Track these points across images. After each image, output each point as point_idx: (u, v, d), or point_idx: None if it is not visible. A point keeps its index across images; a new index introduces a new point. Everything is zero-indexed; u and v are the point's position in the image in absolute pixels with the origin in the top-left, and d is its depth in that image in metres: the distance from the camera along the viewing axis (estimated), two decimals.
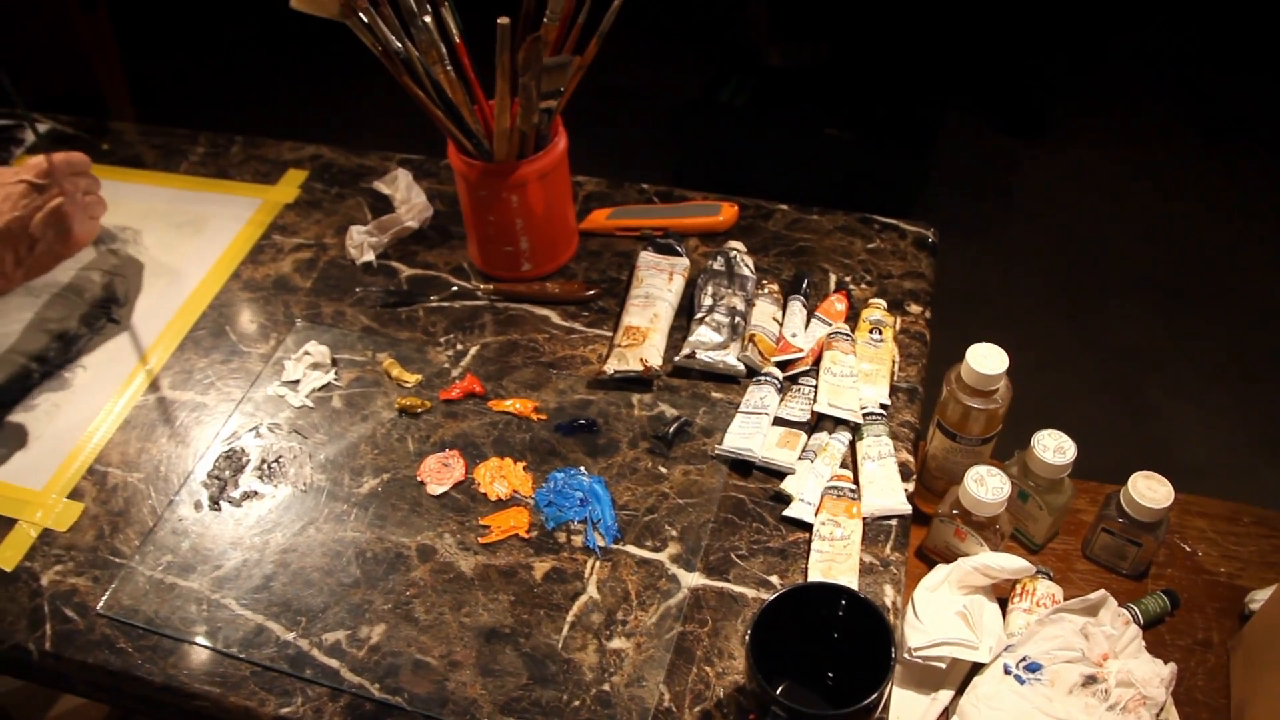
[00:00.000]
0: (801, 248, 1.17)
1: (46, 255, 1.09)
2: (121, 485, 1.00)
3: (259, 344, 1.12)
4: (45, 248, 1.08)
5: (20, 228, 1.06)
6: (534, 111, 0.98)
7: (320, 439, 1.02)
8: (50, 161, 1.09)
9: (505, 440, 1.00)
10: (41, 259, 1.09)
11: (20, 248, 1.06)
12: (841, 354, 1.02)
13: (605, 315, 1.11)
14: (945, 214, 2.75)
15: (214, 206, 1.31)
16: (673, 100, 2.85)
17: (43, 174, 1.09)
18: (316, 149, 1.38)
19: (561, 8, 0.99)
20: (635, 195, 1.25)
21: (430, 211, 1.24)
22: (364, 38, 0.99)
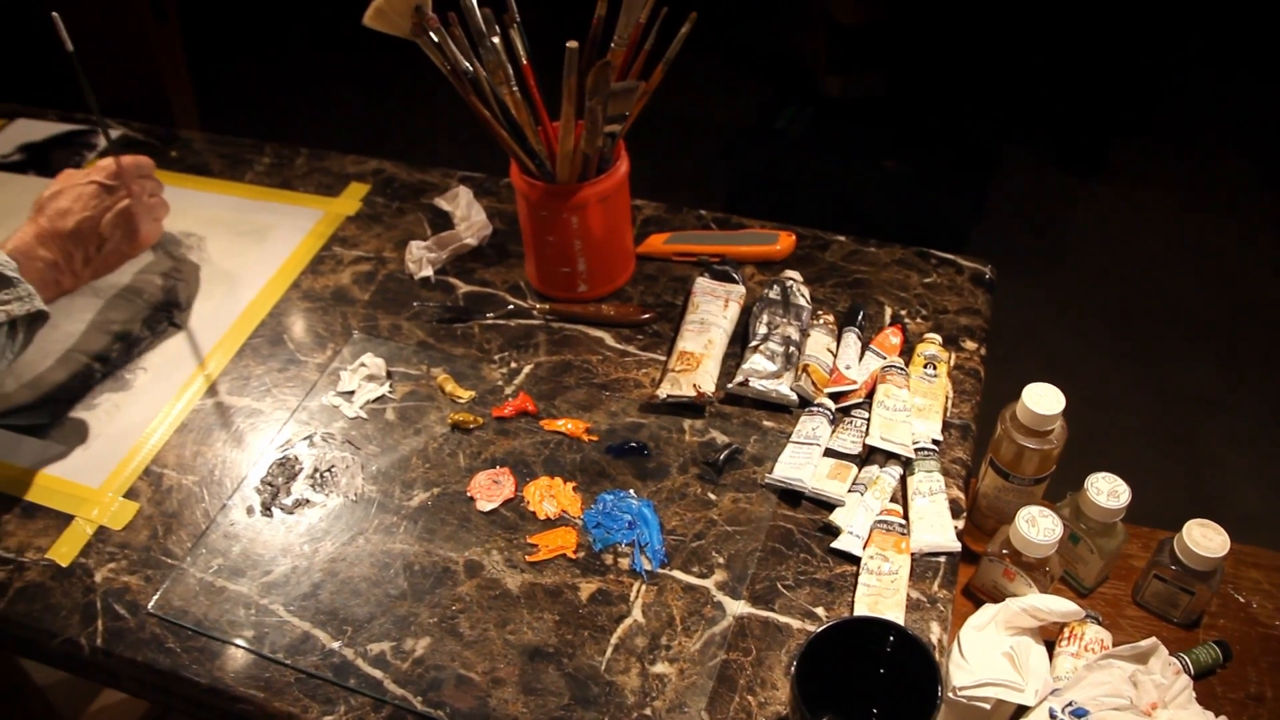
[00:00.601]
0: (858, 280, 1.17)
1: (113, 255, 1.12)
2: (176, 487, 1.02)
3: (316, 354, 1.14)
4: (113, 247, 1.11)
5: (91, 227, 1.09)
6: (599, 135, 0.99)
7: (373, 450, 1.03)
8: (119, 164, 1.12)
9: (556, 460, 1.00)
10: (109, 258, 1.12)
11: (90, 247, 1.09)
12: (895, 388, 1.01)
13: (659, 339, 1.12)
14: (1000, 249, 2.73)
15: (277, 216, 1.33)
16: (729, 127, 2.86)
17: (112, 176, 1.11)
18: (379, 163, 1.40)
19: (629, 33, 1.00)
20: (693, 221, 1.25)
21: (489, 229, 1.25)
22: (434, 57, 1.01)
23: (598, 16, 1.03)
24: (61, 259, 1.07)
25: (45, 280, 1.04)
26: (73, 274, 1.08)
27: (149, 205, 1.15)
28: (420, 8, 0.99)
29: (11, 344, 0.97)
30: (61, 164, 1.46)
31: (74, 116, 1.56)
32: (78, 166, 1.44)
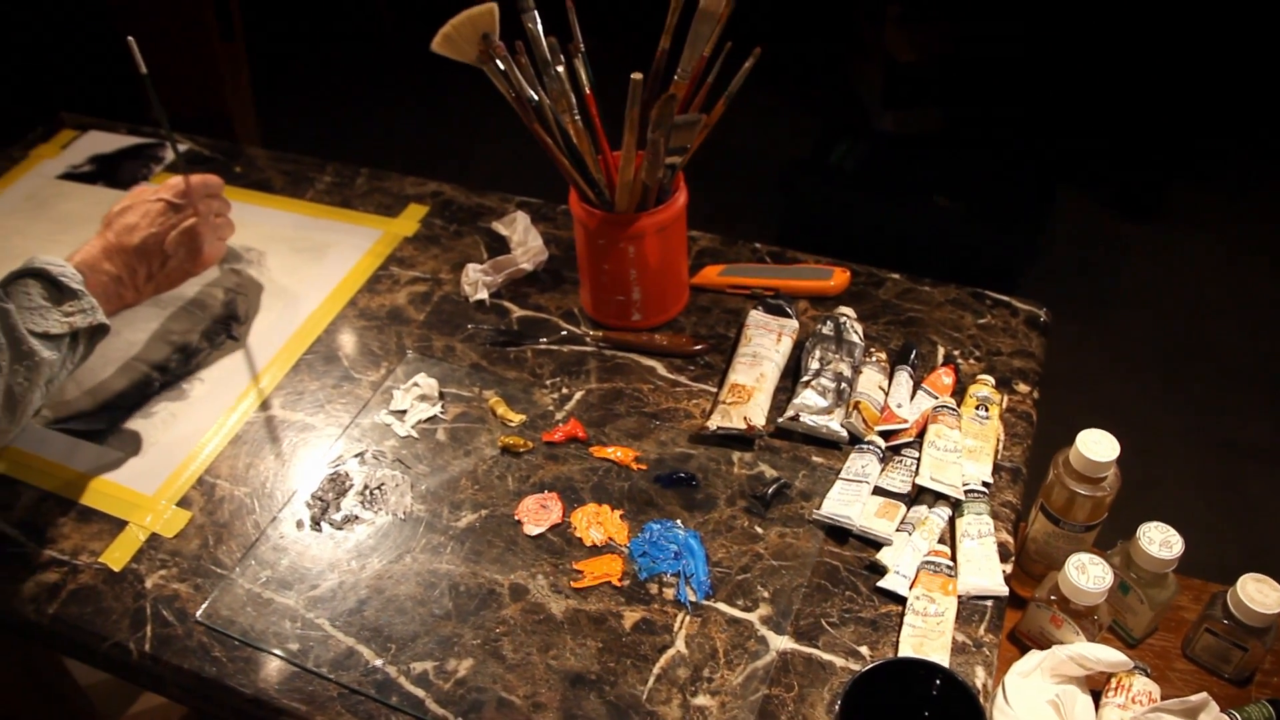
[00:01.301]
0: (911, 318, 1.17)
1: (176, 272, 1.14)
2: (228, 498, 1.03)
3: (370, 371, 1.15)
4: (176, 264, 1.13)
5: (156, 244, 1.11)
6: (659, 166, 1.00)
7: (422, 470, 1.04)
8: (188, 183, 1.14)
9: (604, 487, 1.00)
10: (171, 275, 1.14)
11: (153, 263, 1.11)
12: (947, 428, 1.01)
13: (711, 371, 1.12)
14: (1052, 291, 2.71)
15: (336, 234, 1.35)
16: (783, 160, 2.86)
17: (180, 194, 1.13)
18: (438, 186, 1.42)
19: (692, 67, 1.01)
20: (748, 254, 1.26)
21: (545, 255, 1.26)
22: (499, 84, 1.02)
23: (662, 49, 1.04)
24: (125, 274, 1.09)
25: (108, 293, 1.06)
26: (135, 289, 1.10)
27: (214, 225, 1.17)
28: (488, 35, 1.01)
29: (72, 354, 0.99)
30: (130, 175, 1.49)
31: (143, 130, 1.59)
32: (146, 179, 1.47)
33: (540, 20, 1.04)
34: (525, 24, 1.04)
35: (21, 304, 0.94)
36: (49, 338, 0.95)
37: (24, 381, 0.91)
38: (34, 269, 0.98)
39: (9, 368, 0.90)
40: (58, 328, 0.96)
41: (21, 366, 0.91)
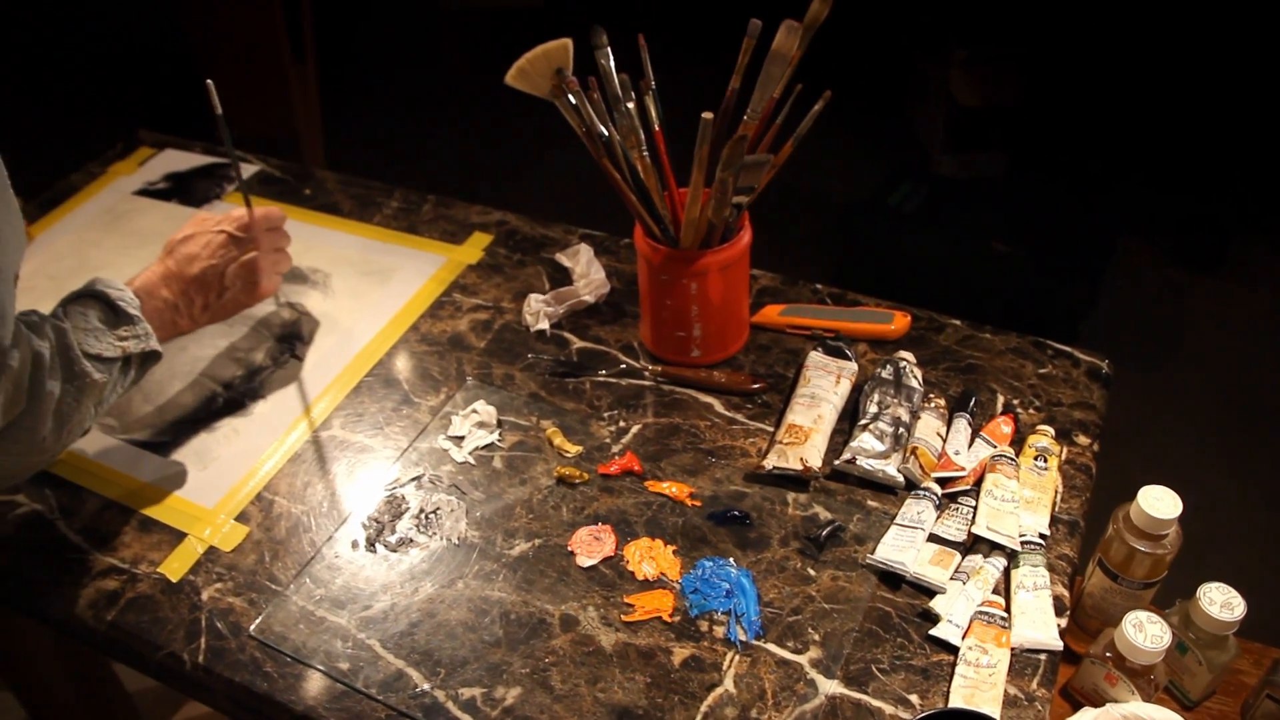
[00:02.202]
0: (971, 365, 1.16)
1: (232, 304, 1.15)
2: (285, 515, 1.05)
3: (429, 396, 1.16)
4: (232, 297, 1.14)
5: (214, 276, 1.12)
6: (726, 205, 1.01)
7: (478, 497, 1.04)
8: (251, 218, 1.16)
9: (658, 522, 1.01)
10: (226, 306, 1.15)
11: (210, 294, 1.12)
12: (1005, 478, 1.00)
13: (768, 410, 1.12)
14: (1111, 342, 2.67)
15: (401, 259, 1.37)
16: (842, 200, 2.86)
17: (243, 228, 1.15)
18: (503, 215, 1.44)
19: (762, 107, 1.02)
20: (808, 294, 1.26)
21: (607, 288, 1.27)
22: (570, 118, 1.04)
23: (732, 89, 1.05)
24: (182, 302, 1.10)
25: (163, 320, 1.08)
26: (190, 317, 1.12)
27: (273, 259, 1.19)
28: (561, 70, 1.03)
29: (122, 378, 1.00)
30: (204, 194, 1.53)
31: (217, 150, 1.63)
32: (218, 197, 1.50)
33: (613, 57, 1.06)
34: (598, 60, 1.05)
35: (78, 324, 0.96)
36: (101, 360, 0.96)
37: (73, 401, 0.93)
38: (94, 291, 1.00)
39: (60, 386, 0.91)
40: (111, 351, 0.97)
41: (72, 386, 0.93)
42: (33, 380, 0.89)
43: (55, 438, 0.93)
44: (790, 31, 0.99)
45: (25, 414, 0.89)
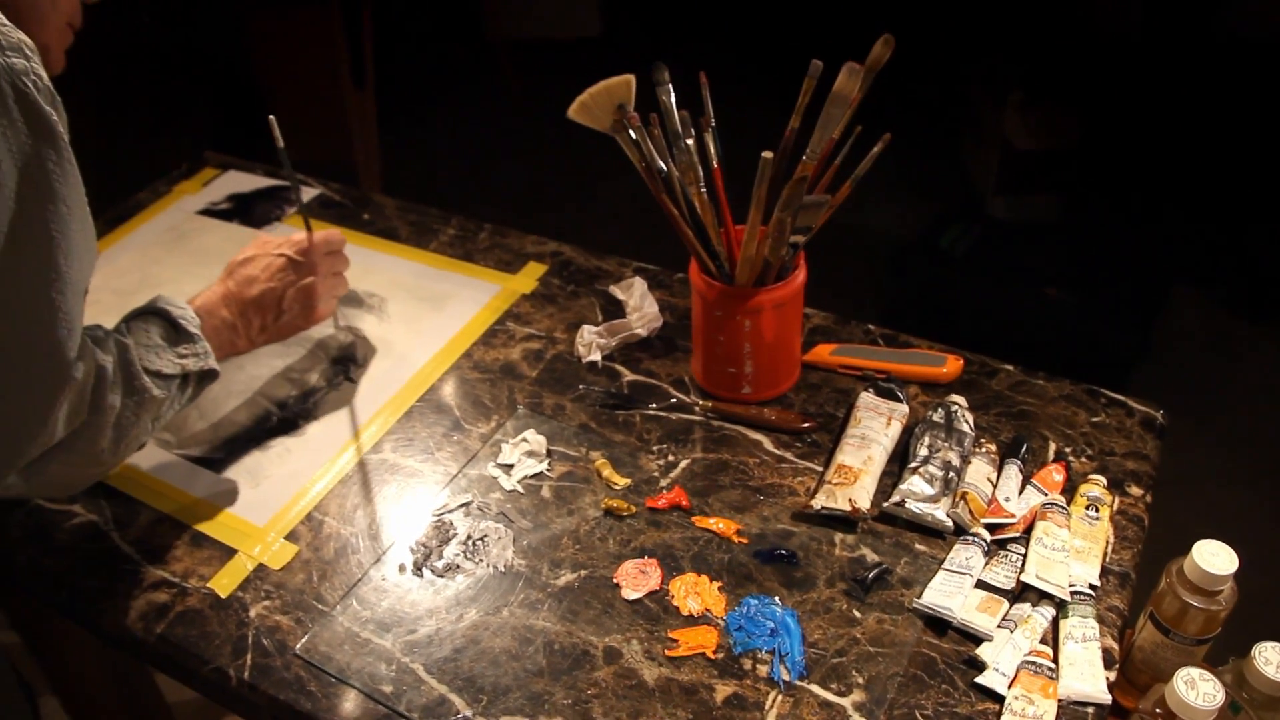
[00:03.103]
0: (1023, 411, 1.15)
1: (288, 326, 1.17)
2: (334, 535, 1.06)
3: (480, 423, 1.17)
4: (289, 319, 1.16)
5: (273, 298, 1.14)
6: (783, 245, 1.01)
7: (525, 525, 1.05)
8: (311, 243, 1.18)
9: (704, 557, 1.00)
10: (283, 328, 1.17)
11: (268, 315, 1.14)
12: (1055, 526, 0.99)
13: (817, 449, 1.12)
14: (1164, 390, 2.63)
15: (456, 286, 1.39)
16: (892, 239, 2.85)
17: (302, 251, 1.17)
18: (558, 246, 1.45)
19: (821, 148, 1.02)
20: (860, 335, 1.26)
21: (660, 322, 1.28)
22: (630, 153, 1.05)
23: (791, 128, 1.05)
24: (240, 322, 1.12)
25: (221, 340, 1.10)
26: (248, 338, 1.14)
27: (331, 283, 1.20)
28: (623, 105, 1.04)
29: (180, 395, 1.02)
30: (264, 215, 1.55)
31: (279, 174, 1.66)
32: (278, 219, 1.53)
33: (674, 93, 1.07)
34: (659, 97, 1.06)
35: (140, 340, 0.98)
36: (161, 376, 0.98)
37: (131, 416, 0.95)
38: (156, 309, 1.03)
39: (121, 400, 0.93)
40: (170, 368, 0.99)
41: (132, 400, 0.94)
42: (95, 393, 0.90)
43: (113, 450, 0.95)
44: (852, 74, 0.99)
45: (86, 426, 0.91)
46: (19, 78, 0.78)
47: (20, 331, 0.83)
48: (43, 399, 0.85)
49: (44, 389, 0.85)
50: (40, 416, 0.86)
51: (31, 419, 0.85)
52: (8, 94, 0.77)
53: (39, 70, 0.80)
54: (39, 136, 0.79)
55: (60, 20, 0.96)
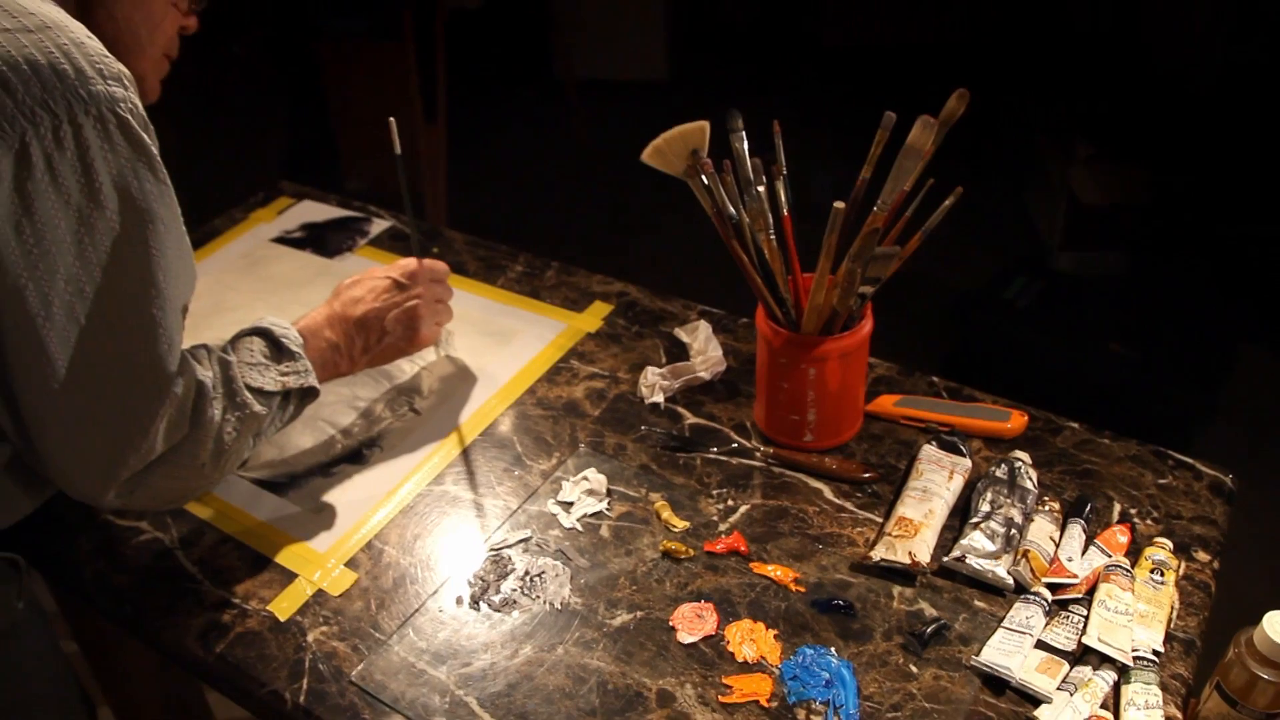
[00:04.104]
0: (1088, 470, 1.14)
1: (391, 349, 1.19)
2: (394, 565, 1.07)
3: (541, 460, 1.18)
4: (392, 341, 1.18)
5: (377, 319, 1.16)
6: (852, 295, 1.01)
7: (583, 564, 1.05)
8: (420, 266, 1.20)
9: (760, 604, 1.00)
10: (386, 351, 1.19)
11: (371, 336, 1.16)
12: (1119, 589, 0.97)
13: (877, 500, 1.11)
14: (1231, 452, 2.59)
15: (522, 323, 1.40)
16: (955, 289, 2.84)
17: (408, 275, 1.19)
18: (624, 286, 1.46)
19: (892, 199, 1.03)
20: (924, 386, 1.25)
21: (723, 366, 1.28)
22: (702, 199, 1.06)
23: (862, 179, 1.06)
24: (344, 343, 1.14)
25: (325, 360, 1.12)
26: (351, 359, 1.16)
27: (434, 309, 1.22)
28: (696, 151, 1.05)
29: (281, 413, 1.04)
30: (336, 246, 1.58)
31: (352, 204, 1.69)
32: (350, 250, 1.56)
33: (747, 140, 1.08)
34: (733, 143, 1.07)
35: (243, 358, 1.01)
36: (263, 393, 1.00)
37: (233, 431, 0.97)
38: (260, 328, 1.05)
39: (222, 416, 0.96)
40: (272, 385, 1.01)
41: (233, 416, 0.97)
42: (195, 407, 0.93)
43: (214, 465, 0.97)
44: (926, 127, 1.00)
45: (187, 440, 0.93)
46: (118, 105, 0.82)
47: (121, 346, 0.86)
48: (143, 412, 0.88)
49: (144, 402, 0.88)
50: (141, 428, 0.88)
51: (133, 431, 0.88)
52: (109, 120, 0.81)
53: (135, 99, 0.84)
54: (137, 160, 0.84)
55: (157, 51, 1.01)
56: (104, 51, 0.84)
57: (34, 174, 0.79)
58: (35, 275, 0.80)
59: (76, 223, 0.81)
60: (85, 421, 0.86)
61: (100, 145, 0.81)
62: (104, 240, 0.83)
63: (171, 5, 0.99)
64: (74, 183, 0.81)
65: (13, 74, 0.78)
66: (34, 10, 0.82)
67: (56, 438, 0.87)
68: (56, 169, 0.80)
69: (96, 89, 0.81)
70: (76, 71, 0.80)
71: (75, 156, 0.80)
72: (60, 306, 0.82)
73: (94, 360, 0.85)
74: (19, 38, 0.80)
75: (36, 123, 0.78)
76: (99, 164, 0.81)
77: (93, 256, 0.83)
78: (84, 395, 0.85)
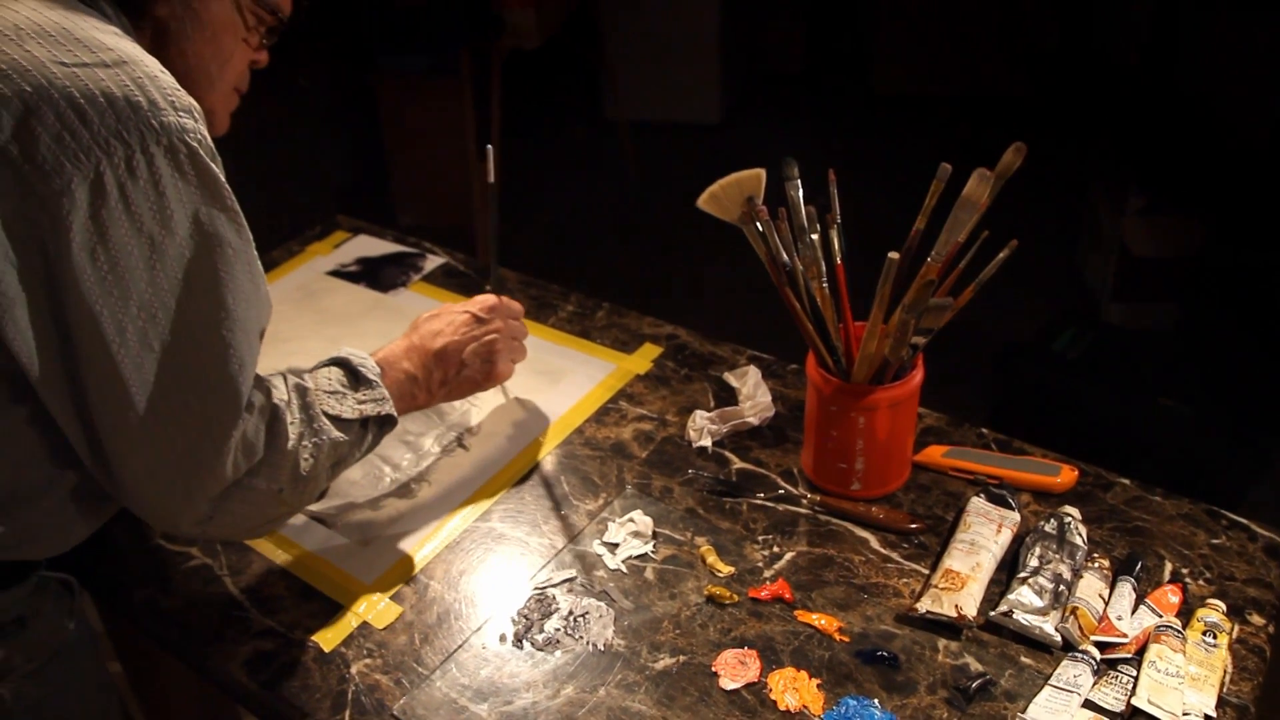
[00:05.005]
0: (1139, 528, 1.13)
1: (468, 382, 1.20)
2: (438, 600, 1.08)
3: (588, 500, 1.19)
4: (469, 375, 1.19)
5: (455, 351, 1.18)
6: (904, 345, 1.01)
7: (627, 606, 1.05)
8: (500, 301, 1.22)
9: (804, 653, 1.00)
10: (463, 384, 1.20)
11: (449, 369, 1.18)
12: (1170, 650, 0.96)
13: (924, 551, 1.11)
14: None
15: (572, 363, 1.41)
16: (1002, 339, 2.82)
17: (486, 310, 1.21)
18: (675, 329, 1.47)
19: (947, 251, 1.03)
20: (973, 438, 1.25)
21: (772, 412, 1.28)
22: (756, 245, 1.07)
23: (916, 229, 1.06)
24: (421, 374, 1.15)
25: (402, 391, 1.13)
26: (428, 391, 1.17)
27: (510, 346, 1.24)
28: (752, 198, 1.06)
29: (360, 442, 1.05)
30: (391, 281, 1.61)
31: (406, 240, 1.72)
32: (404, 285, 1.58)
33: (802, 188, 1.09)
34: (788, 191, 1.08)
35: (321, 386, 1.02)
36: (341, 420, 1.01)
37: (309, 458, 0.97)
38: (338, 358, 1.07)
39: (298, 441, 0.97)
40: (349, 413, 1.02)
41: (310, 442, 0.98)
42: (270, 430, 0.94)
43: (292, 491, 0.97)
44: (982, 180, 1.00)
45: (263, 464, 0.94)
46: (188, 135, 0.85)
47: (193, 368, 0.88)
48: (217, 433, 0.89)
49: (217, 423, 0.89)
50: (215, 450, 0.89)
51: (207, 453, 0.89)
52: (179, 149, 0.84)
53: (203, 130, 0.87)
54: (206, 188, 0.86)
55: (227, 86, 1.04)
56: (176, 85, 0.87)
57: (108, 202, 0.81)
58: (109, 301, 0.83)
59: (148, 249, 0.84)
60: (160, 445, 0.88)
61: (171, 174, 0.84)
62: (174, 266, 0.85)
63: (242, 41, 1.02)
64: (146, 210, 0.83)
65: (90, 106, 0.81)
66: (111, 46, 0.85)
67: (133, 464, 0.89)
68: (130, 197, 0.82)
69: (168, 120, 0.83)
70: (149, 103, 0.83)
71: (148, 184, 0.83)
72: (134, 332, 0.84)
73: (167, 383, 0.87)
74: (97, 72, 0.82)
75: (111, 152, 0.81)
76: (170, 192, 0.84)
77: (164, 282, 0.85)
78: (157, 419, 0.87)
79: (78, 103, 0.81)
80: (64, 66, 0.82)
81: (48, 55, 0.82)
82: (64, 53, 0.83)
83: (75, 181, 0.80)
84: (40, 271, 0.82)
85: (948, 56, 4.33)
